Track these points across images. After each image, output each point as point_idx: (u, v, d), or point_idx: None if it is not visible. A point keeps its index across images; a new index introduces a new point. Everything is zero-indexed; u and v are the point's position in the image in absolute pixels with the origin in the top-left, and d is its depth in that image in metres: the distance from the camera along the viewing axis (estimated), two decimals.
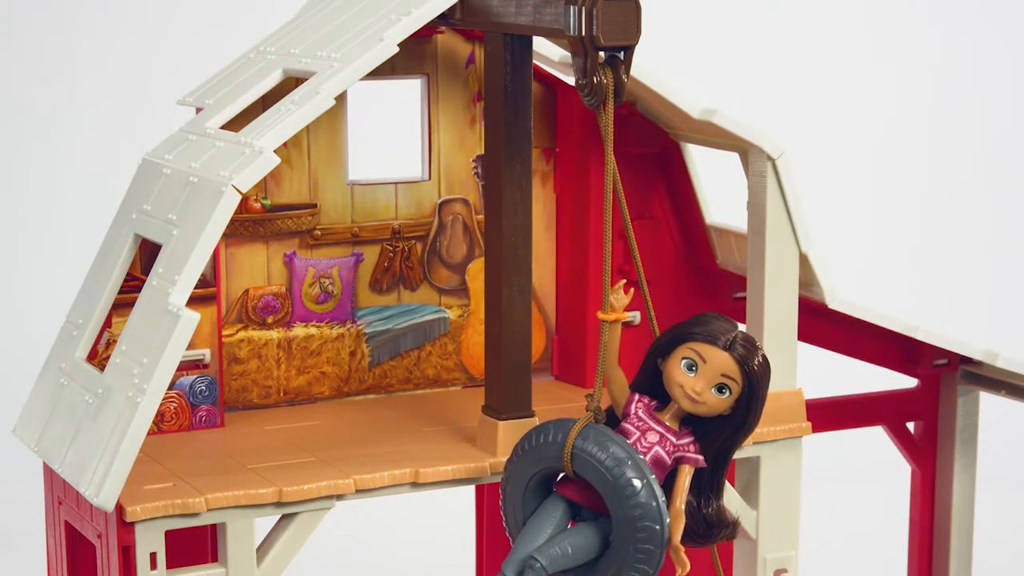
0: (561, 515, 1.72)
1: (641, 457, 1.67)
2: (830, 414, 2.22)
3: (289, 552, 1.77)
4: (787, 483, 1.97)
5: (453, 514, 2.91)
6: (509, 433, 1.83)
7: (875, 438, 2.41)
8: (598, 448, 1.67)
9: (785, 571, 1.98)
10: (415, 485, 1.81)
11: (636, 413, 1.72)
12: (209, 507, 1.71)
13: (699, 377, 1.69)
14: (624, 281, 1.71)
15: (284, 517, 1.76)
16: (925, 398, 2.32)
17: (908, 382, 2.33)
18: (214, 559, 1.76)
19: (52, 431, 1.80)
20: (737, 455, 1.84)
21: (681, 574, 1.69)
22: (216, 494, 1.71)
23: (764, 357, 1.70)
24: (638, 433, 1.71)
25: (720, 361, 1.68)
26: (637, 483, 1.66)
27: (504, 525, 1.77)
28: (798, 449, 1.97)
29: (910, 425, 2.34)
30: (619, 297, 1.70)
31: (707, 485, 1.74)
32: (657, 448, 1.70)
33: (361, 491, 1.78)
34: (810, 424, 1.98)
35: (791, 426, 1.96)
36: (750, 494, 1.97)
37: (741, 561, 2.00)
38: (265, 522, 1.76)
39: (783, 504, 1.98)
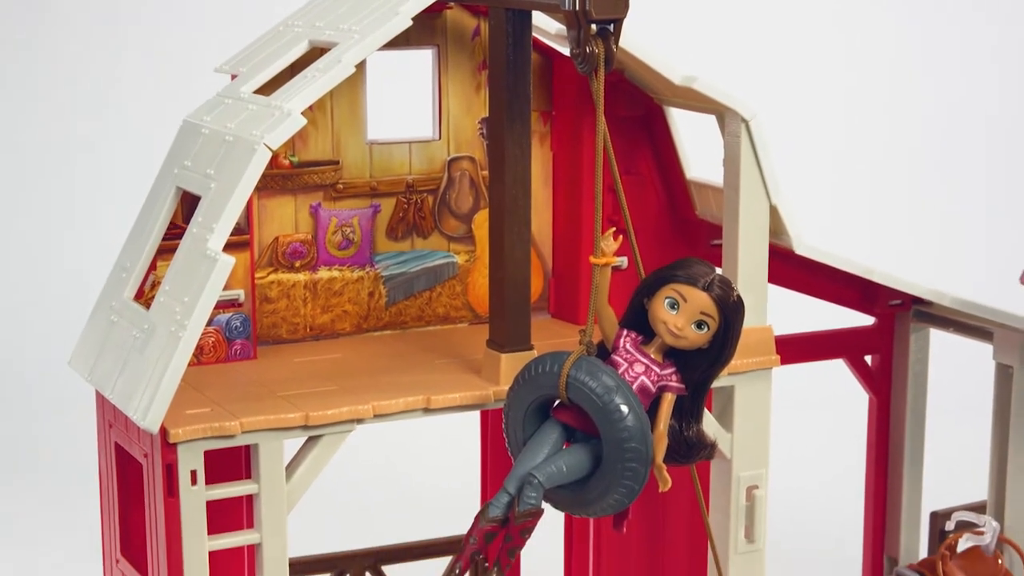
0: (557, 437, 1.73)
1: (628, 386, 1.68)
2: (797, 348, 2.22)
3: (314, 470, 1.77)
4: (758, 409, 1.97)
5: (460, 439, 2.92)
6: (510, 365, 1.83)
7: (836, 370, 2.41)
8: (590, 378, 1.67)
9: (757, 487, 1.98)
10: (427, 411, 1.81)
11: (624, 347, 1.72)
12: (243, 430, 1.71)
13: (680, 315, 1.69)
14: (613, 229, 1.71)
15: (310, 439, 1.77)
16: (881, 334, 2.33)
17: (866, 320, 2.34)
18: (248, 476, 1.77)
19: (103, 363, 1.80)
20: (714, 384, 1.84)
21: (663, 489, 1.70)
22: (249, 418, 1.72)
23: (738, 297, 1.70)
24: (626, 364, 1.71)
25: (699, 300, 1.68)
26: (624, 409, 1.66)
27: (506, 446, 1.78)
28: (768, 379, 1.97)
29: (868, 358, 2.34)
30: (609, 243, 1.70)
31: (687, 411, 1.74)
32: (643, 378, 1.71)
33: (379, 416, 1.78)
34: (779, 357, 1.98)
35: (762, 359, 1.96)
36: (725, 419, 1.97)
37: (717, 479, 2.00)
38: (293, 443, 1.76)
39: (755, 428, 1.98)
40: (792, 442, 2.54)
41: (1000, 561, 2.15)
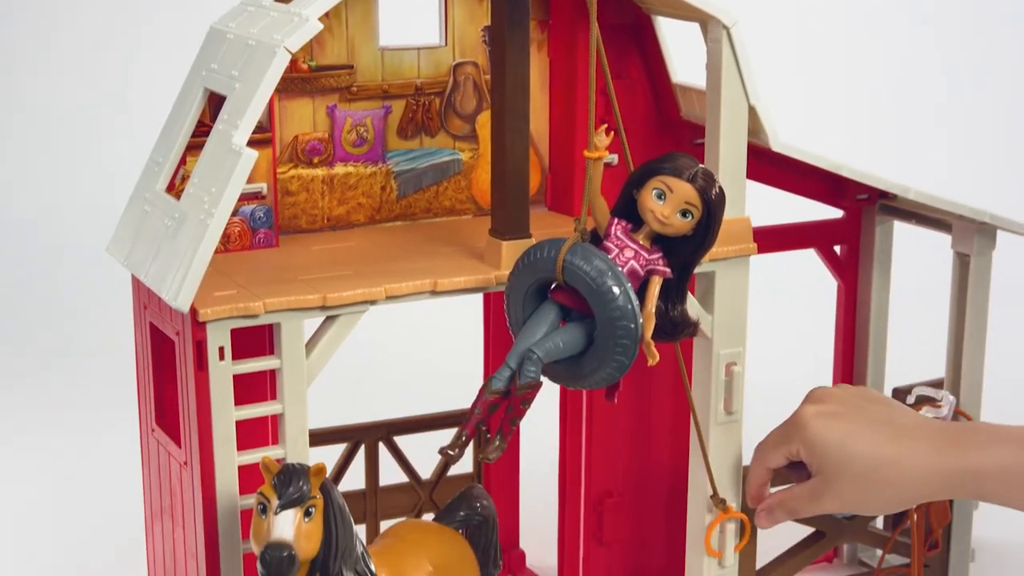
0: (554, 317, 1.73)
1: (619, 269, 1.68)
2: (772, 239, 2.23)
3: (331, 348, 1.78)
4: (736, 293, 1.98)
5: (465, 323, 2.92)
6: (511, 251, 1.83)
7: (808, 259, 2.41)
8: (584, 262, 1.67)
9: (735, 364, 1.99)
10: (434, 293, 1.81)
11: (615, 234, 1.72)
12: (266, 310, 1.71)
13: (667, 204, 1.69)
14: (605, 126, 1.71)
15: (328, 319, 1.77)
16: (849, 226, 2.33)
17: (835, 213, 2.34)
18: (271, 353, 1.78)
19: (138, 249, 1.81)
20: (697, 270, 1.85)
21: (652, 363, 1.70)
22: (272, 299, 1.72)
23: (720, 188, 1.69)
24: (617, 250, 1.71)
25: (684, 191, 1.68)
26: (616, 290, 1.66)
27: (508, 325, 1.78)
28: (746, 266, 1.97)
29: (836, 248, 2.35)
30: (601, 139, 1.70)
31: (673, 293, 1.74)
32: (632, 262, 1.71)
33: (390, 298, 1.79)
34: (756, 246, 1.98)
35: (740, 247, 1.96)
36: (707, 302, 1.97)
37: (699, 356, 2.01)
38: (312, 323, 1.77)
39: (733, 310, 1.98)
40: (767, 325, 2.55)
41: None
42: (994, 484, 1.69)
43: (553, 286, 1.73)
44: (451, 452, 1.72)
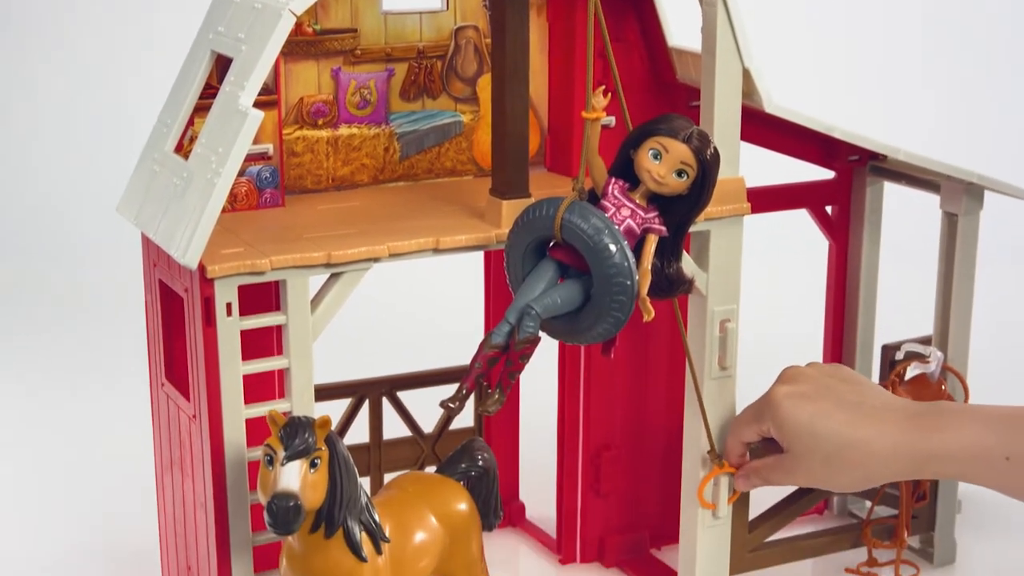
0: (552, 274, 1.72)
1: (616, 227, 1.66)
2: (765, 199, 2.21)
3: (336, 304, 1.76)
4: (730, 252, 1.96)
5: (466, 283, 2.91)
6: (510, 210, 1.81)
7: (800, 219, 2.40)
8: (581, 220, 1.66)
9: (729, 320, 1.97)
10: (436, 251, 1.80)
11: (612, 193, 1.70)
12: (273, 267, 1.70)
13: (663, 164, 1.67)
14: (603, 87, 1.69)
15: (332, 276, 1.76)
16: (840, 187, 2.31)
17: (827, 174, 2.32)
18: (277, 309, 1.76)
19: (148, 208, 1.79)
20: (692, 229, 1.84)
21: (647, 319, 1.69)
22: (278, 257, 1.70)
23: (715, 148, 1.68)
24: (614, 208, 1.69)
25: (680, 151, 1.66)
26: (613, 247, 1.65)
27: (507, 282, 1.77)
28: (740, 225, 1.96)
29: (828, 209, 2.33)
30: (599, 99, 1.68)
31: (669, 251, 1.73)
32: (629, 220, 1.69)
33: (393, 255, 1.77)
34: (749, 205, 1.96)
35: (734, 206, 1.94)
36: (702, 260, 1.96)
37: (694, 313, 1.99)
38: (317, 280, 1.75)
39: (727, 268, 1.96)
40: (760, 283, 2.54)
41: (943, 387, 2.15)
42: (958, 465, 1.69)
43: (551, 244, 1.72)
44: (452, 405, 1.71)
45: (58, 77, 4.29)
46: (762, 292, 3.10)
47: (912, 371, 2.16)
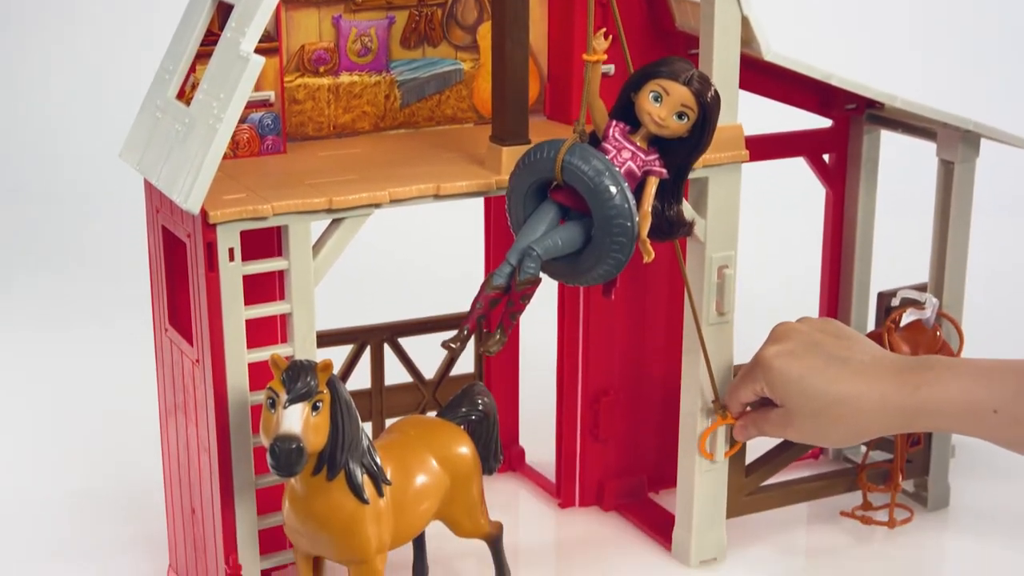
0: (553, 216, 1.72)
1: (617, 169, 1.66)
2: (763, 147, 2.20)
3: (337, 250, 1.76)
4: (728, 198, 1.96)
5: (466, 231, 2.90)
6: (510, 157, 1.81)
7: (797, 167, 2.39)
8: (582, 161, 1.66)
9: (726, 267, 1.97)
10: (436, 197, 1.79)
11: (613, 135, 1.70)
12: (274, 212, 1.70)
13: (663, 106, 1.67)
14: (604, 29, 1.68)
15: (334, 222, 1.75)
16: (838, 135, 2.30)
17: (824, 123, 2.31)
18: (279, 254, 1.76)
19: (150, 154, 1.78)
20: (690, 176, 1.84)
21: (647, 260, 1.69)
22: (280, 202, 1.70)
23: (716, 91, 1.68)
24: (615, 151, 1.69)
25: (680, 93, 1.67)
26: (613, 189, 1.65)
27: (509, 224, 1.77)
28: (738, 172, 1.95)
29: (825, 157, 2.32)
30: (600, 42, 1.67)
31: (669, 193, 1.73)
32: (630, 163, 1.69)
33: (394, 201, 1.77)
34: (748, 152, 1.96)
35: (733, 153, 1.94)
36: (700, 207, 1.95)
37: (693, 259, 1.99)
38: (319, 226, 1.75)
39: (725, 215, 1.96)
40: (757, 230, 2.53)
41: (939, 333, 2.15)
42: (947, 418, 1.71)
43: (553, 186, 1.72)
44: (453, 345, 1.71)
45: (61, 24, 4.27)
46: (760, 240, 3.10)
47: (907, 317, 2.16)
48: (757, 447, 2.16)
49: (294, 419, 1.60)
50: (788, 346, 1.83)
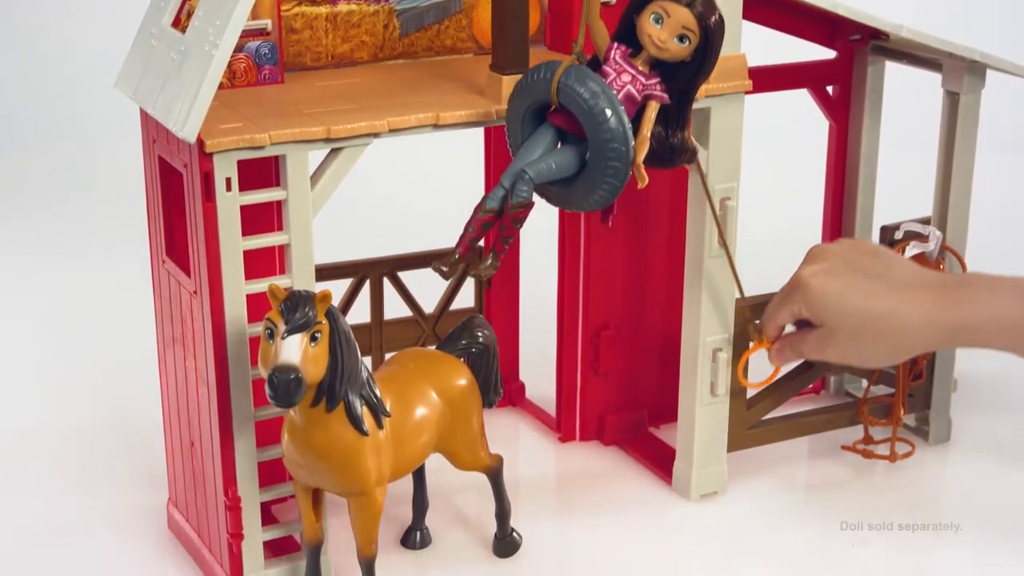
0: (550, 139, 1.70)
1: (613, 92, 1.65)
2: (767, 78, 2.17)
3: (335, 180, 1.74)
4: (731, 129, 1.94)
5: (466, 165, 2.88)
6: (510, 86, 1.78)
7: (800, 99, 2.36)
8: (578, 83, 1.64)
9: (729, 199, 1.95)
10: (436, 126, 1.77)
11: (614, 58, 1.68)
12: (272, 141, 1.67)
13: (664, 28, 1.65)
14: None
15: (332, 151, 1.73)
16: (842, 67, 2.27)
17: (828, 54, 2.29)
18: (277, 184, 1.74)
19: (145, 82, 1.76)
20: (693, 107, 1.82)
21: (641, 186, 1.67)
22: (278, 131, 1.67)
23: (720, 15, 1.65)
24: (614, 74, 1.67)
25: (682, 15, 1.65)
26: (608, 112, 1.63)
27: (508, 148, 1.75)
28: (740, 102, 1.93)
29: (829, 89, 2.30)
30: None
31: (673, 119, 1.71)
32: (629, 87, 1.67)
33: (393, 130, 1.74)
34: (751, 82, 1.93)
35: (736, 83, 1.91)
36: (702, 138, 1.93)
37: (694, 191, 1.97)
38: (317, 157, 1.73)
39: (728, 146, 1.94)
40: (761, 166, 2.51)
41: (942, 267, 2.14)
42: (988, 334, 1.69)
43: (551, 109, 1.70)
44: (444, 269, 1.70)
45: None
46: (763, 172, 3.07)
47: (911, 250, 2.14)
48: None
49: (292, 349, 1.58)
50: (825, 265, 1.81)
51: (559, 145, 1.70)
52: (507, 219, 1.68)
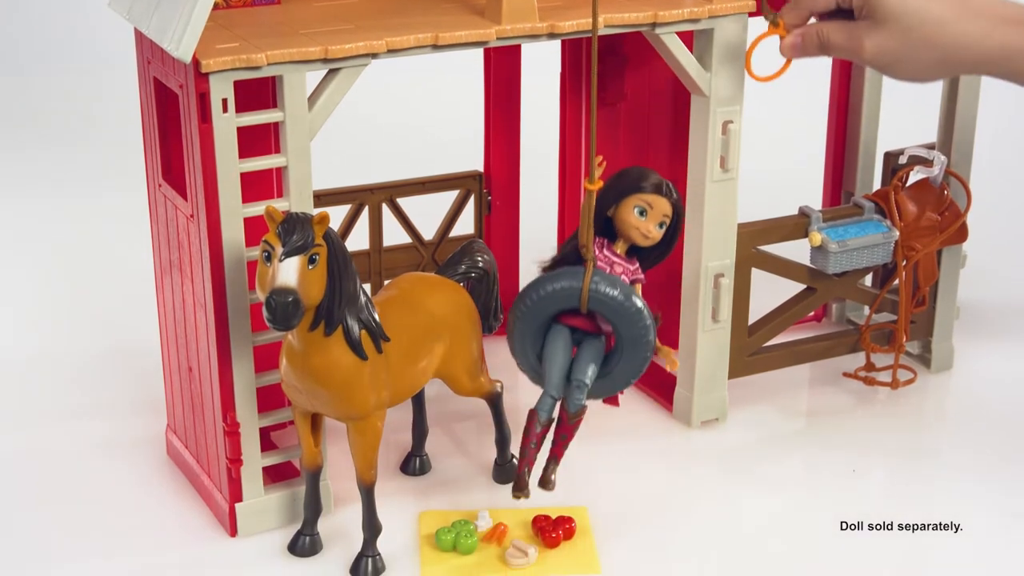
0: (565, 340, 1.76)
1: (630, 287, 1.74)
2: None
3: (333, 102, 1.71)
4: (734, 51, 1.91)
5: (464, 92, 2.85)
6: (511, 6, 1.75)
7: None
8: (610, 287, 1.71)
9: (731, 122, 1.93)
10: (435, 47, 1.74)
11: (603, 252, 1.76)
12: (268, 62, 1.64)
13: (649, 219, 1.75)
14: (601, 157, 1.73)
15: (330, 72, 1.70)
16: None
17: None
18: (274, 106, 1.72)
19: (140, 2, 1.73)
20: (694, 27, 1.80)
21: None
22: (274, 51, 1.65)
23: (679, 195, 1.77)
24: (607, 267, 1.76)
25: (662, 206, 1.75)
26: (640, 305, 1.73)
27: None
28: (744, 23, 1.90)
29: None
30: (600, 171, 1.71)
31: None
32: (622, 276, 1.76)
33: (392, 51, 1.71)
34: (754, 3, 1.90)
35: (739, 3, 1.88)
36: (705, 60, 1.90)
37: (697, 115, 1.95)
38: (314, 78, 1.70)
39: (730, 68, 1.91)
40: (761, 104, 2.48)
41: (946, 192, 2.12)
42: None
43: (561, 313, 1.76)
44: (522, 495, 1.74)
45: None
46: (765, 98, 3.05)
47: (915, 176, 2.12)
48: (760, 308, 2.14)
49: (290, 272, 1.56)
50: None
51: (572, 344, 1.77)
52: (568, 428, 1.76)
